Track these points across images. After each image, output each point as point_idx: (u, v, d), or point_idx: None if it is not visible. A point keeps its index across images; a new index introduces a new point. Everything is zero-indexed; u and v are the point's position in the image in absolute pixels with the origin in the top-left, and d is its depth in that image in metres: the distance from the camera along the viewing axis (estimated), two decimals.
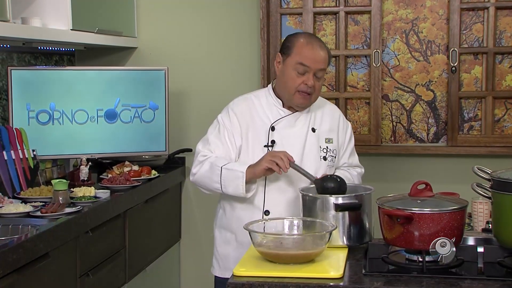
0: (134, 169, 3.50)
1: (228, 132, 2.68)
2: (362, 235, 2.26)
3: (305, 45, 2.60)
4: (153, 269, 3.63)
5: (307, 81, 2.58)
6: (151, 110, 3.69)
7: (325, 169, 2.66)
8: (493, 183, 2.11)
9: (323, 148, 2.69)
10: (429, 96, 3.86)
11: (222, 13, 4.00)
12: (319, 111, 2.75)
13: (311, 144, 2.68)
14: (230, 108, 2.73)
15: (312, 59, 2.58)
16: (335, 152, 2.72)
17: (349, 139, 2.81)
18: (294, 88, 2.61)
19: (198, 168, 2.66)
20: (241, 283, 1.92)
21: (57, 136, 3.44)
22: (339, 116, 2.81)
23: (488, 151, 3.76)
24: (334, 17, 3.90)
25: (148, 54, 4.07)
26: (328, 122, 2.75)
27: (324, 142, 2.70)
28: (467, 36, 3.79)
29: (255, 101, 2.73)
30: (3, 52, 3.37)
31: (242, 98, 2.77)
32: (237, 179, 2.55)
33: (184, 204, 4.12)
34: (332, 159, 2.71)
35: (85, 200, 2.88)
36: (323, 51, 2.61)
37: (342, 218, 2.24)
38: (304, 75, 2.59)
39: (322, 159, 2.68)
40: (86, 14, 3.41)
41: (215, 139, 2.68)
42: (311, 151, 2.67)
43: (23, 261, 2.24)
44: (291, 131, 2.67)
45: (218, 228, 2.80)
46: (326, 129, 2.73)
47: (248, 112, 2.70)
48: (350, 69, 3.92)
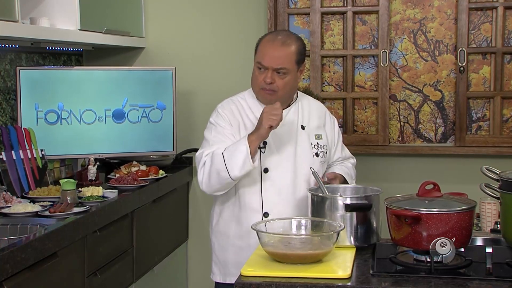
0: (142, 169, 3.51)
1: (226, 128, 2.67)
2: (369, 235, 2.26)
3: (265, 44, 2.64)
4: (161, 268, 3.64)
5: (265, 78, 2.60)
6: (159, 110, 3.70)
7: (319, 166, 2.68)
8: (501, 184, 2.10)
9: (314, 145, 2.71)
10: (437, 96, 3.85)
11: (229, 13, 4.00)
12: (305, 108, 2.77)
13: (302, 141, 2.70)
14: (219, 110, 2.73)
15: (269, 57, 2.59)
16: (326, 147, 2.75)
17: (338, 134, 2.85)
18: (257, 85, 2.65)
19: (202, 171, 2.62)
20: (248, 283, 1.92)
21: (65, 136, 3.45)
22: (325, 112, 2.84)
23: (496, 151, 3.75)
24: (342, 17, 3.90)
25: (156, 54, 4.07)
26: (315, 118, 2.77)
27: (314, 139, 2.73)
28: (475, 36, 3.78)
29: (241, 102, 2.74)
30: (12, 52, 3.38)
31: (228, 101, 2.77)
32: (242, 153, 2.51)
33: (192, 204, 4.13)
34: (324, 154, 2.73)
35: (93, 200, 2.89)
36: (283, 50, 2.59)
37: (350, 218, 2.24)
38: (263, 72, 2.62)
39: (315, 156, 2.70)
40: (94, 14, 3.42)
41: (216, 137, 2.66)
42: (304, 148, 2.69)
43: (31, 261, 2.24)
44: (281, 130, 2.63)
45: (214, 234, 2.82)
46: (315, 126, 2.75)
47: (238, 113, 2.71)
48: (358, 69, 3.91)
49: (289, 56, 2.60)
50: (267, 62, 2.60)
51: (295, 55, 2.62)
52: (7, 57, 3.35)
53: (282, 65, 2.59)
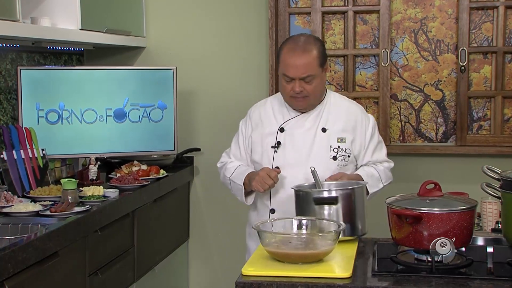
0: (143, 169, 3.51)
1: (243, 137, 2.86)
2: (354, 228, 2.31)
3: (286, 55, 2.66)
4: (162, 268, 3.64)
5: (294, 88, 2.65)
6: (160, 110, 3.70)
7: (335, 169, 2.67)
8: (502, 183, 2.10)
9: (334, 148, 2.70)
10: (438, 96, 3.85)
11: (230, 13, 4.00)
12: (333, 110, 2.75)
13: (320, 144, 2.70)
14: (248, 112, 2.91)
15: (293, 68, 2.63)
16: (349, 151, 2.72)
17: (370, 137, 2.79)
18: (287, 94, 2.71)
19: (220, 168, 2.93)
20: (249, 283, 1.92)
21: (66, 135, 3.46)
22: (356, 114, 2.79)
23: (497, 151, 3.75)
24: (343, 17, 3.90)
25: (157, 54, 4.07)
26: (342, 121, 2.74)
27: (335, 142, 2.71)
28: (476, 35, 3.78)
29: (269, 103, 2.85)
30: (13, 51, 3.38)
31: (261, 102, 2.92)
32: (239, 191, 2.78)
33: (193, 203, 4.13)
34: (344, 158, 2.71)
35: (94, 199, 2.89)
36: (304, 58, 2.62)
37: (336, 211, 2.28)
38: (291, 82, 2.65)
39: (332, 159, 2.69)
40: (95, 14, 3.42)
41: (233, 145, 2.91)
42: (320, 151, 2.69)
43: (32, 260, 2.24)
44: (299, 132, 2.71)
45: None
46: (339, 129, 2.73)
47: (262, 114, 2.82)
48: (359, 69, 3.91)
49: (312, 63, 2.63)
50: (292, 73, 2.63)
51: (318, 59, 2.65)
52: (8, 57, 3.35)
53: (307, 73, 2.62)
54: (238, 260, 2.93)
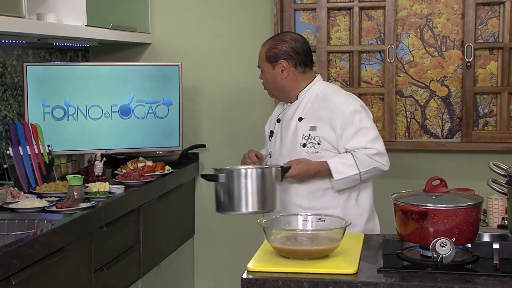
0: (148, 165, 3.51)
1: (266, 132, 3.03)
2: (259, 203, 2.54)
3: None
4: (167, 264, 3.64)
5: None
6: (165, 106, 3.70)
7: (304, 156, 2.74)
8: (508, 179, 2.09)
9: (305, 136, 2.78)
10: (444, 92, 3.84)
11: (235, 9, 3.99)
12: (311, 100, 2.83)
13: (296, 132, 2.81)
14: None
15: None
16: (318, 139, 2.75)
17: (345, 125, 2.71)
18: None
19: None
20: (255, 279, 1.92)
21: (72, 131, 3.46)
22: (335, 102, 2.77)
23: (503, 147, 3.74)
24: (348, 13, 3.89)
25: (162, 50, 4.08)
26: (317, 110, 2.78)
27: (308, 130, 2.78)
28: (482, 31, 3.77)
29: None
30: (19, 48, 3.39)
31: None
32: None
33: (198, 199, 4.13)
34: (314, 145, 2.75)
35: (99, 196, 2.89)
36: (260, 50, 2.85)
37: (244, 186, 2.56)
38: None
39: (301, 146, 2.77)
40: (101, 10, 3.43)
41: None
42: (293, 139, 2.82)
43: (38, 256, 2.25)
44: (288, 122, 2.86)
45: None
46: (313, 117, 2.78)
47: (276, 107, 3.03)
48: (364, 65, 3.90)
49: (261, 56, 2.84)
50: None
51: (264, 54, 2.82)
52: (14, 53, 3.36)
53: (258, 64, 2.87)
54: (243, 256, 2.93)
